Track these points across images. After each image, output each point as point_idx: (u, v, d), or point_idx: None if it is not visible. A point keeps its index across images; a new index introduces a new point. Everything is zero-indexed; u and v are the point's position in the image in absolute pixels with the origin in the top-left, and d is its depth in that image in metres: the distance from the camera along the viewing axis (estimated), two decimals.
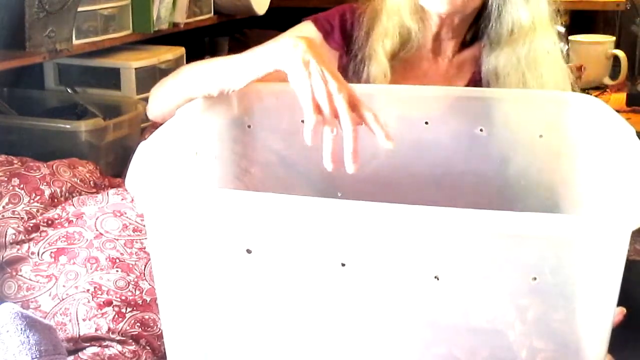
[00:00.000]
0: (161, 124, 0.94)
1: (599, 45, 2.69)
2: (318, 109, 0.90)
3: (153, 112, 1.20)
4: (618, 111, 0.97)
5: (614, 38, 2.72)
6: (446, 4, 1.13)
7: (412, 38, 1.18)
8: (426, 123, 1.10)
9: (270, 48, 0.99)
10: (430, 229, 0.71)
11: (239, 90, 1.07)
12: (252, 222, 0.75)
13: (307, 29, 1.24)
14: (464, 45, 1.23)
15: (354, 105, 0.92)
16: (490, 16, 1.17)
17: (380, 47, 1.18)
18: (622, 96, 2.53)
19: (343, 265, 0.74)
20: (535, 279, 0.72)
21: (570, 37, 2.78)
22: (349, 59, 1.22)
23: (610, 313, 0.76)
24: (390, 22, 1.17)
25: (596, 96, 2.66)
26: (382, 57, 1.17)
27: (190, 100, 1.03)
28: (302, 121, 1.11)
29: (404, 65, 1.20)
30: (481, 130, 1.09)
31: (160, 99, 1.17)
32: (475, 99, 1.09)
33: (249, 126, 1.12)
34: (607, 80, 2.69)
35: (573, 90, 1.19)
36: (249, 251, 0.75)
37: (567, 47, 2.85)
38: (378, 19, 1.19)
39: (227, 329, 0.83)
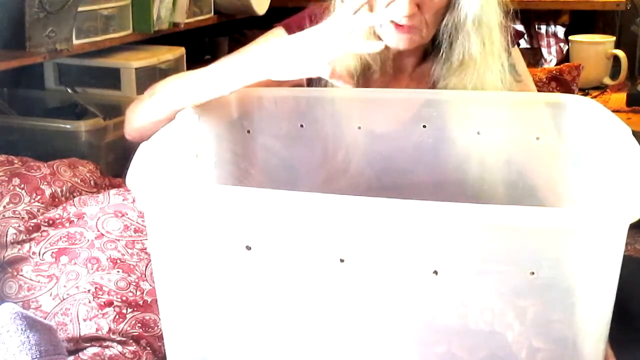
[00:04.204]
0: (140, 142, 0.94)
1: (599, 45, 2.69)
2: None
3: (131, 130, 1.19)
4: (618, 111, 0.98)
5: (614, 38, 2.72)
6: (405, 42, 1.13)
7: (371, 62, 1.18)
8: (424, 127, 1.11)
9: (259, 57, 1.02)
10: (429, 223, 0.71)
11: (237, 96, 1.08)
12: (252, 218, 0.75)
13: (278, 34, 1.24)
14: (424, 55, 1.22)
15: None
16: (440, 45, 1.17)
17: (342, 70, 1.16)
18: (622, 96, 2.52)
19: (342, 261, 0.74)
20: (533, 273, 0.72)
21: (570, 37, 2.79)
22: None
23: (609, 308, 0.76)
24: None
25: (596, 96, 2.66)
26: (347, 79, 1.17)
27: (174, 114, 1.03)
28: (301, 125, 1.13)
29: (367, 83, 1.20)
30: (478, 133, 1.09)
31: (140, 116, 1.17)
32: (472, 102, 1.10)
33: (249, 131, 1.13)
34: (607, 80, 2.69)
35: None
36: (248, 248, 0.76)
37: (567, 46, 2.86)
38: None
39: (226, 324, 0.83)
